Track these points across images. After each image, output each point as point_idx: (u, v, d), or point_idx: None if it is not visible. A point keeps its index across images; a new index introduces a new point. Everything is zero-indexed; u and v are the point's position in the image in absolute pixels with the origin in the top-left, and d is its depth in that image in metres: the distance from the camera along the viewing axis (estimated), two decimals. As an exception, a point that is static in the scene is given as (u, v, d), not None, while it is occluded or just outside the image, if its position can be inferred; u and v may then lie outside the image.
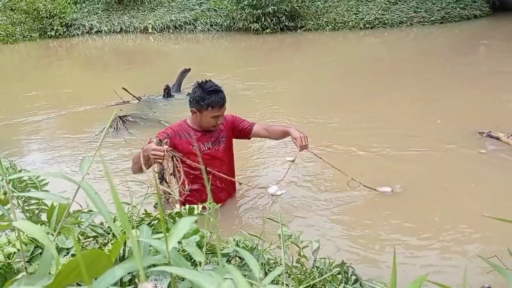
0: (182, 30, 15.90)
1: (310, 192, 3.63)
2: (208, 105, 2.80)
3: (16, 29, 15.57)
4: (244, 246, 1.28)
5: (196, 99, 2.84)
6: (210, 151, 2.99)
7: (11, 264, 0.92)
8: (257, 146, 4.63)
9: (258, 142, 4.59)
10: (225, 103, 2.87)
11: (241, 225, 3.08)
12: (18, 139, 5.44)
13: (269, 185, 3.02)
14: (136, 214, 1.25)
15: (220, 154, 3.04)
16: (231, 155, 3.18)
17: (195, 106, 2.86)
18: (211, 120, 2.87)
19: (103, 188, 3.13)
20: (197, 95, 2.84)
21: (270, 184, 3.06)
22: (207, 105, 2.80)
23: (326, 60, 10.52)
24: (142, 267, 0.44)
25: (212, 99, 2.79)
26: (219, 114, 2.86)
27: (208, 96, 2.80)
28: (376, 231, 3.02)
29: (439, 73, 8.02)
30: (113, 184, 0.51)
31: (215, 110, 2.83)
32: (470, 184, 3.67)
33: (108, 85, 7.22)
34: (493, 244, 2.79)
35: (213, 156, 3.00)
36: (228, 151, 3.12)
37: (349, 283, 1.35)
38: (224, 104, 2.86)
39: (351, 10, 15.00)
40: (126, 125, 5.56)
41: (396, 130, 5.04)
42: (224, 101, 2.85)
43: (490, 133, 4.59)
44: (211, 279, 0.44)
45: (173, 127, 2.99)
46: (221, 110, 2.87)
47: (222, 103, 2.83)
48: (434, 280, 0.81)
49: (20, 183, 1.25)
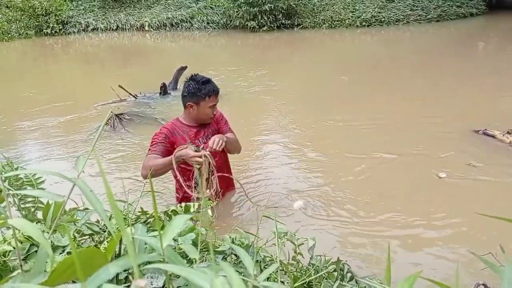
0: (179, 28, 15.88)
1: (308, 191, 3.64)
2: (205, 94, 2.85)
3: (12, 27, 15.50)
4: (240, 244, 1.28)
5: (192, 91, 2.87)
6: (205, 146, 2.99)
7: (6, 262, 0.92)
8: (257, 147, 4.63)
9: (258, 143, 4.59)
10: (219, 92, 2.96)
11: (237, 222, 3.09)
12: (13, 137, 5.42)
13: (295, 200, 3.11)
14: (132, 212, 1.25)
15: None
16: (223, 150, 3.18)
17: (191, 99, 2.88)
18: (208, 110, 2.91)
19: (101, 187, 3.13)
20: (191, 88, 2.87)
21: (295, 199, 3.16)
22: (204, 94, 2.84)
23: (322, 58, 10.54)
24: (136, 264, 0.44)
25: (208, 88, 2.86)
26: (215, 103, 2.93)
27: (204, 86, 2.86)
28: (370, 229, 3.03)
29: (436, 71, 8.04)
30: (107, 182, 0.51)
31: (213, 99, 2.89)
32: (467, 182, 3.69)
33: (104, 82, 7.20)
34: (489, 241, 2.80)
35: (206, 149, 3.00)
36: None
37: (345, 280, 1.35)
38: (219, 92, 2.94)
39: (347, 8, 15.01)
40: (123, 123, 5.55)
41: (393, 128, 5.05)
42: (218, 89, 2.94)
43: (485, 130, 4.61)
44: (205, 275, 0.45)
45: (168, 126, 3.00)
46: (217, 98, 2.94)
47: (217, 91, 2.92)
48: (427, 276, 0.82)
49: (16, 181, 1.25)
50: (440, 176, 3.02)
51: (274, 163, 4.24)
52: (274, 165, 4.18)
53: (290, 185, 3.72)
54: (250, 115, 5.82)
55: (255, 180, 3.84)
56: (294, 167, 4.15)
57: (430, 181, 3.71)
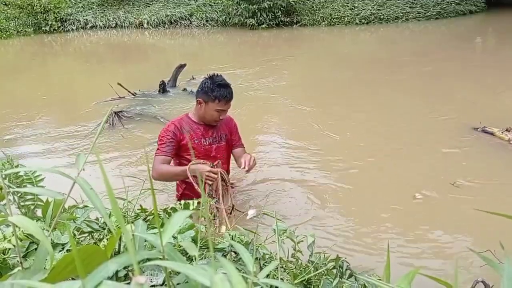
0: (178, 25, 15.86)
1: (306, 188, 3.64)
2: (216, 97, 2.81)
3: (10, 24, 15.46)
4: (240, 241, 1.28)
5: (205, 89, 2.85)
6: (210, 146, 2.98)
7: (6, 259, 0.92)
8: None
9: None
10: (232, 100, 2.88)
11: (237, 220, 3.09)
12: (13, 134, 5.41)
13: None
14: (131, 209, 1.25)
15: (220, 151, 3.03)
16: (229, 155, 3.18)
17: (202, 96, 2.86)
18: (214, 113, 2.87)
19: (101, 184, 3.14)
20: (206, 86, 2.84)
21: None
22: (214, 97, 2.81)
23: (321, 55, 10.53)
24: (136, 261, 0.44)
25: (221, 92, 2.81)
26: (223, 108, 2.87)
27: (218, 88, 2.81)
28: (370, 226, 3.04)
29: (435, 69, 8.04)
30: (108, 179, 0.51)
31: (221, 104, 2.84)
32: (466, 179, 3.69)
33: (103, 80, 7.19)
34: (488, 238, 2.81)
35: (212, 151, 2.99)
36: (227, 151, 3.12)
37: (344, 277, 1.36)
38: (231, 100, 2.87)
39: (346, 6, 15.00)
40: (122, 121, 5.54)
41: (392, 125, 5.06)
42: (231, 96, 2.86)
43: (484, 128, 4.62)
44: (204, 272, 0.45)
45: (175, 122, 2.97)
46: (227, 105, 2.87)
47: (229, 98, 2.85)
48: (427, 273, 0.82)
49: (16, 178, 1.25)
50: (416, 197, 3.08)
51: (272, 161, 4.24)
52: (273, 163, 4.18)
53: (289, 184, 3.73)
54: (249, 112, 5.82)
55: (254, 179, 3.83)
56: (293, 165, 4.15)
57: (429, 179, 3.72)
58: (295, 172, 3.97)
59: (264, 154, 4.43)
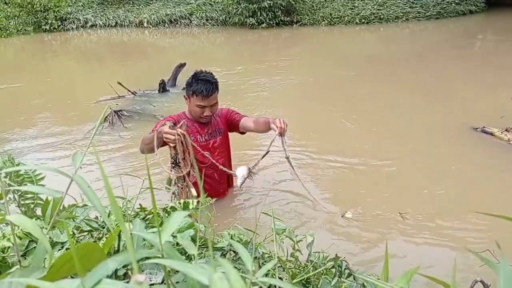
0: (178, 25, 15.85)
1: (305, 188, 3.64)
2: (193, 92, 2.81)
3: (10, 23, 15.45)
4: (239, 240, 1.28)
5: (187, 84, 2.88)
6: (207, 143, 3.00)
7: (5, 258, 0.92)
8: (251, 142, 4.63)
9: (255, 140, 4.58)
10: (212, 95, 2.83)
11: (236, 219, 3.09)
12: (12, 133, 5.41)
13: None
14: (131, 208, 1.25)
15: (217, 146, 3.05)
16: (228, 148, 3.19)
17: (186, 91, 2.91)
18: (197, 109, 2.87)
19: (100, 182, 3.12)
20: (188, 81, 2.88)
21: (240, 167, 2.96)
22: (192, 91, 2.82)
23: (321, 55, 10.53)
24: (135, 260, 0.44)
25: (198, 87, 2.78)
26: (203, 104, 2.84)
27: (196, 83, 2.81)
28: (369, 226, 3.04)
29: (434, 68, 8.04)
30: (106, 177, 0.51)
31: (199, 99, 2.82)
32: (465, 179, 3.70)
33: (103, 79, 7.19)
34: (487, 239, 2.81)
35: (209, 147, 3.01)
36: (225, 144, 3.13)
37: (343, 276, 1.36)
38: (209, 96, 2.82)
39: (346, 5, 14.99)
40: (122, 120, 5.54)
41: (392, 125, 5.06)
42: (208, 92, 2.80)
43: (484, 128, 4.61)
44: (203, 271, 0.45)
45: (173, 116, 3.02)
46: (206, 100, 2.83)
47: (205, 94, 2.79)
48: (425, 273, 0.82)
49: (17, 177, 1.25)
50: (346, 215, 3.09)
51: (271, 160, 4.24)
52: (272, 162, 4.18)
53: (289, 183, 3.72)
54: (249, 112, 5.81)
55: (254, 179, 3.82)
56: (293, 164, 4.14)
57: (429, 179, 3.72)
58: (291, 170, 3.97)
59: (263, 153, 4.41)
